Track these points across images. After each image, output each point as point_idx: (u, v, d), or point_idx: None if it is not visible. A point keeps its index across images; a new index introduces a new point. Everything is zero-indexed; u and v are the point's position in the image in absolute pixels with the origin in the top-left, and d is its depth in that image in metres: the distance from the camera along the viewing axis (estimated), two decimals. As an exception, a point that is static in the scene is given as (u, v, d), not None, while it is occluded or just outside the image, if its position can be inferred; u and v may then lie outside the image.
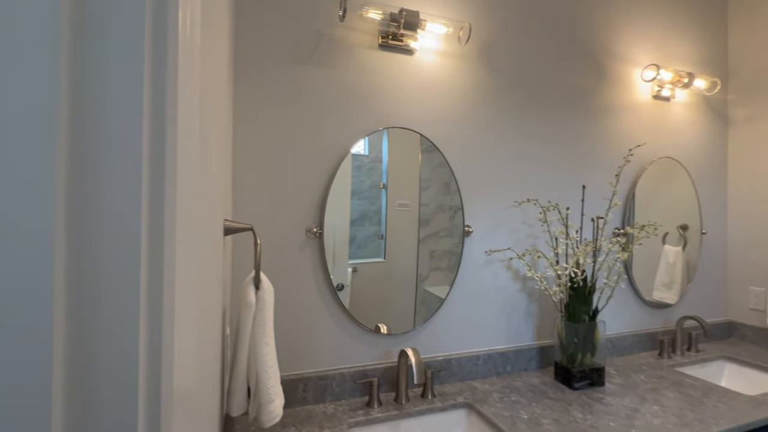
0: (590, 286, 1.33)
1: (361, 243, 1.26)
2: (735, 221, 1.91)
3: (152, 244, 0.29)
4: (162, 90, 0.29)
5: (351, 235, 1.24)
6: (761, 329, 1.78)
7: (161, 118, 0.29)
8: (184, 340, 0.36)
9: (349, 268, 1.24)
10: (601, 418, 1.11)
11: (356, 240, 1.25)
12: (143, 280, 0.28)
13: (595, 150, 1.61)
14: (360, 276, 1.25)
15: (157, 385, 0.29)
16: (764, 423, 1.14)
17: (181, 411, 0.35)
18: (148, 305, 0.29)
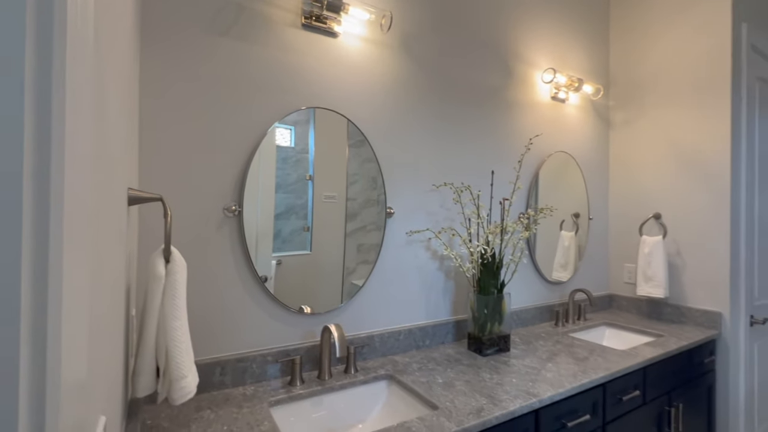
0: (498, 262, 1.47)
1: (287, 237, 1.24)
2: (615, 208, 2.24)
3: (35, 210, 0.26)
4: (48, 45, 0.26)
5: (276, 230, 1.22)
6: (633, 299, 2.12)
7: (46, 76, 0.26)
8: (73, 321, 0.32)
9: (273, 260, 1.22)
10: (505, 377, 1.23)
11: (281, 234, 1.23)
12: (24, 250, 0.24)
13: (503, 141, 1.77)
14: (284, 268, 1.23)
15: (41, 374, 0.26)
16: (630, 370, 1.36)
17: (71, 400, 0.32)
18: (30, 278, 0.25)
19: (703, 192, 1.87)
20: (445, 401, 1.07)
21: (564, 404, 1.18)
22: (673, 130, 1.99)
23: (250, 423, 0.95)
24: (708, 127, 1.86)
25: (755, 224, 1.97)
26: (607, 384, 1.30)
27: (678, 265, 1.96)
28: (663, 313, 1.99)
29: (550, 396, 1.12)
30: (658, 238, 1.95)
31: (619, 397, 1.34)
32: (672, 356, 1.55)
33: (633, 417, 1.39)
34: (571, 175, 2.10)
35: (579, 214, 2.16)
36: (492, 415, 1.00)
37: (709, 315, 1.82)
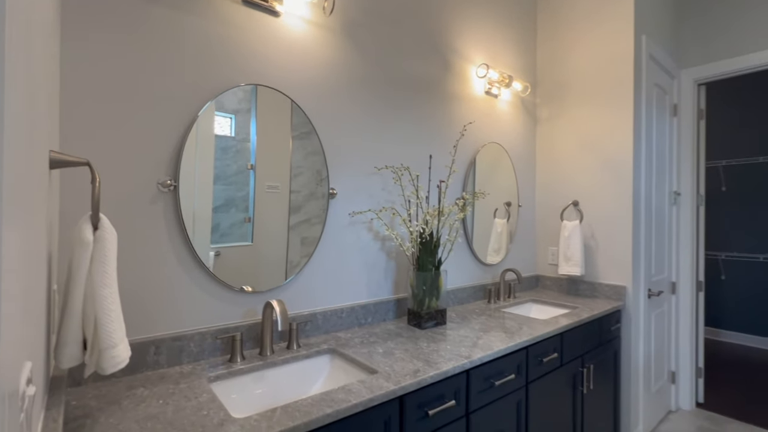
0: (436, 241, 1.56)
1: (226, 231, 1.21)
2: (540, 196, 2.46)
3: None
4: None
5: (214, 223, 1.19)
6: (555, 278, 2.35)
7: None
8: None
9: (211, 251, 1.19)
10: (441, 345, 1.32)
11: (220, 228, 1.20)
12: None
13: (441, 128, 1.88)
14: (223, 259, 1.21)
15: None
16: (549, 335, 1.52)
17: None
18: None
19: (611, 182, 2.13)
20: (384, 367, 1.13)
21: (492, 365, 1.29)
22: (588, 127, 2.23)
23: (188, 396, 0.93)
24: (615, 124, 2.12)
25: (652, 210, 2.28)
26: (530, 347, 1.45)
27: (592, 247, 2.20)
28: (579, 289, 2.23)
29: (480, 357, 1.23)
30: (576, 222, 2.19)
31: (540, 359, 1.49)
32: (584, 324, 1.76)
33: (552, 376, 1.56)
34: (503, 166, 2.28)
35: (510, 203, 2.35)
36: (427, 374, 1.08)
37: (616, 289, 2.08)
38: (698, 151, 2.64)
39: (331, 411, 0.87)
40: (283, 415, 0.85)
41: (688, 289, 2.57)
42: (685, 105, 2.60)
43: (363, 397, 0.94)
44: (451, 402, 1.13)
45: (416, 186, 1.60)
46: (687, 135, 2.59)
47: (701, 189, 2.66)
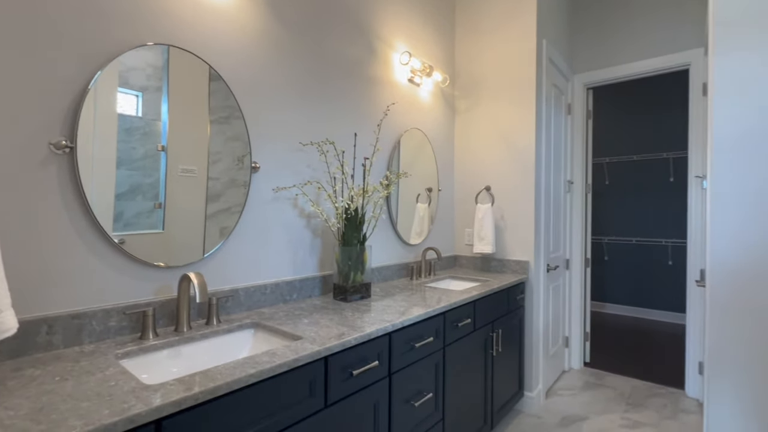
0: (361, 217, 1.61)
1: (131, 220, 1.11)
2: (459, 181, 2.65)
3: None
4: None
5: (117, 211, 1.08)
6: (471, 257, 2.56)
7: None
8: None
9: (114, 239, 1.09)
10: (366, 314, 1.38)
11: (124, 216, 1.10)
12: None
13: (366, 109, 1.93)
14: (128, 248, 1.11)
15: None
16: (464, 302, 1.66)
17: None
18: None
19: (517, 168, 2.38)
20: (309, 333, 1.14)
21: (413, 329, 1.38)
22: (499, 120, 2.46)
23: (91, 371, 0.86)
24: (521, 119, 2.36)
25: (551, 196, 2.59)
26: (447, 313, 1.57)
27: (502, 227, 2.44)
28: (491, 266, 2.45)
29: (401, 321, 1.30)
30: (489, 205, 2.40)
31: (456, 324, 1.63)
32: (494, 294, 1.95)
33: (466, 340, 1.71)
34: (425, 153, 2.41)
35: (431, 188, 2.49)
36: (351, 336, 1.12)
37: (521, 264, 2.34)
38: (587, 147, 3.06)
39: (255, 371, 0.87)
40: (204, 378, 0.83)
41: (579, 265, 2.97)
42: (577, 105, 2.99)
43: (288, 357, 0.95)
44: (375, 362, 1.19)
45: (341, 161, 1.63)
46: (578, 132, 2.99)
47: (589, 180, 3.09)
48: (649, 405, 2.41)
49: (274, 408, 0.92)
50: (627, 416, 2.27)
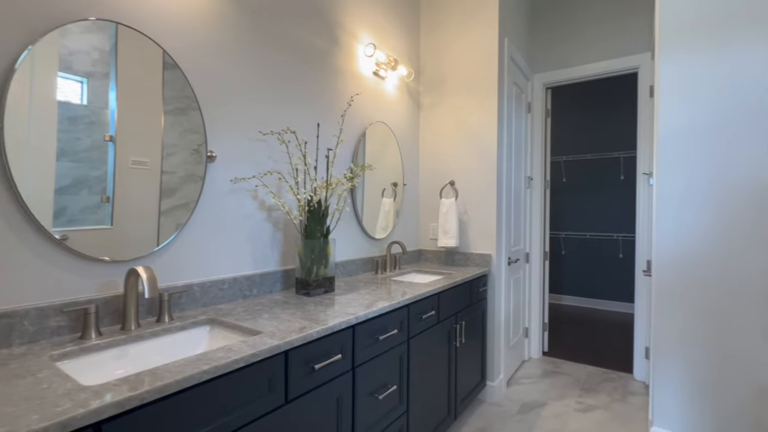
0: (324, 209, 1.58)
1: (76, 216, 1.03)
2: (424, 176, 2.66)
3: None
4: None
5: (58, 207, 0.99)
6: (436, 251, 2.58)
7: None
8: None
9: (55, 235, 1.00)
10: (329, 308, 1.35)
11: (67, 212, 1.01)
12: None
13: (330, 99, 1.89)
14: (72, 244, 1.02)
15: None
16: (428, 295, 1.67)
17: None
18: None
19: (480, 164, 2.42)
20: (269, 328, 1.10)
21: (377, 321, 1.37)
22: (463, 115, 2.49)
23: (20, 374, 0.78)
24: (484, 115, 2.41)
25: (512, 191, 2.67)
26: (411, 305, 1.57)
27: (465, 221, 2.48)
28: (455, 259, 2.49)
29: (365, 314, 1.29)
30: (452, 200, 2.43)
31: (420, 316, 1.63)
32: (457, 286, 1.97)
33: (431, 332, 1.72)
34: (391, 147, 2.40)
35: (397, 183, 2.49)
36: (313, 330, 1.09)
37: (484, 257, 2.39)
38: (546, 145, 3.17)
39: (208, 368, 0.82)
40: (152, 377, 0.77)
41: (538, 258, 3.09)
42: (537, 104, 3.09)
43: (245, 353, 0.91)
44: (338, 356, 1.16)
45: (304, 152, 1.59)
46: (538, 130, 3.09)
47: (548, 177, 3.21)
48: (601, 389, 2.55)
49: (230, 406, 0.88)
50: (581, 400, 2.39)
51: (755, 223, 1.69)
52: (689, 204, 1.83)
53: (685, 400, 1.83)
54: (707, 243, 1.78)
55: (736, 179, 1.73)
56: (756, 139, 1.69)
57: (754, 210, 1.69)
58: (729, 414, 1.74)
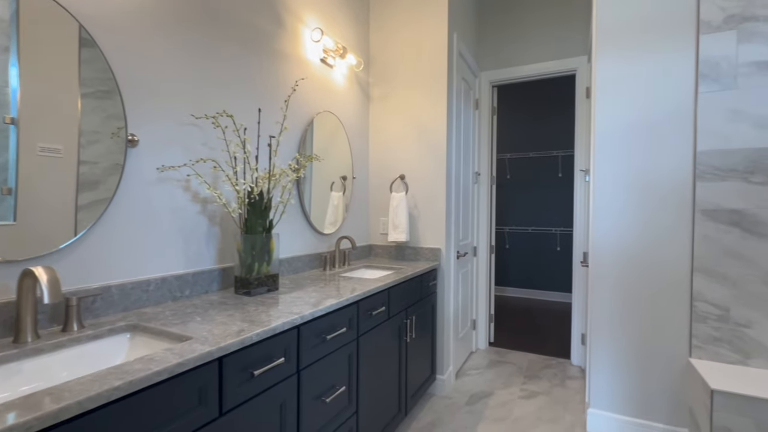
0: (266, 201, 1.46)
1: None
2: (374, 169, 2.61)
3: None
4: None
5: None
6: (386, 246, 2.54)
7: None
8: None
9: None
10: (272, 307, 1.25)
11: None
12: None
13: (273, 84, 1.77)
14: None
15: None
16: (378, 290, 1.62)
17: None
18: None
19: (430, 158, 2.42)
20: (201, 332, 0.99)
21: (325, 320, 1.29)
22: (413, 108, 2.47)
23: None
24: (433, 109, 2.40)
25: (460, 186, 2.70)
26: (361, 302, 1.51)
27: (415, 216, 2.47)
28: (406, 254, 2.47)
29: (311, 312, 1.20)
30: (403, 194, 2.40)
31: (370, 313, 1.58)
32: (408, 281, 1.95)
33: (381, 328, 1.67)
34: (340, 139, 2.32)
35: (346, 176, 2.42)
36: (252, 333, 0.99)
37: (434, 251, 2.39)
38: (492, 141, 3.26)
39: (122, 383, 0.70)
40: (46, 398, 0.64)
41: (485, 252, 3.17)
42: (484, 101, 3.16)
43: (169, 363, 0.79)
44: (280, 360, 1.07)
45: (243, 139, 1.46)
46: (485, 127, 3.16)
47: (494, 173, 3.30)
48: (542, 375, 2.67)
49: (150, 425, 0.76)
50: (525, 387, 2.48)
51: (675, 216, 1.84)
52: (621, 198, 1.95)
53: (617, 382, 1.96)
54: (636, 234, 1.91)
55: (660, 175, 1.87)
56: (677, 138, 1.84)
57: (674, 204, 1.84)
58: (653, 390, 1.88)
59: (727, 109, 1.75)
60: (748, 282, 1.71)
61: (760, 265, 1.70)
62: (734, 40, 1.74)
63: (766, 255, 1.69)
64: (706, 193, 1.78)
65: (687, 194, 1.82)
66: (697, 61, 1.80)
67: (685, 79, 1.83)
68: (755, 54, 1.71)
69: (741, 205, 1.73)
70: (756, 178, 1.70)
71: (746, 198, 1.72)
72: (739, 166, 1.73)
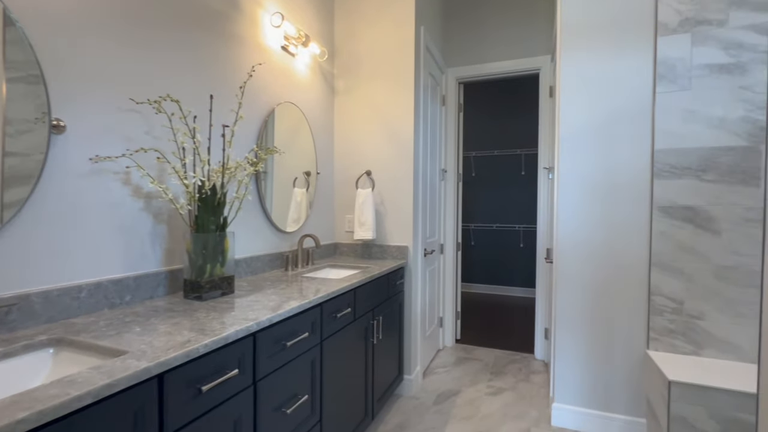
0: (220, 197, 1.34)
1: None
2: (339, 165, 2.51)
3: None
4: None
5: None
6: (352, 244, 2.46)
7: None
8: None
9: None
10: (226, 313, 1.13)
11: None
12: None
13: (231, 71, 1.63)
14: None
15: None
16: (343, 291, 1.54)
17: None
18: None
19: (397, 154, 2.36)
20: (139, 345, 0.86)
21: (285, 325, 1.19)
22: (379, 102, 2.39)
23: None
24: (400, 103, 2.34)
25: (428, 183, 2.66)
26: (324, 304, 1.42)
27: (382, 213, 2.40)
28: (372, 252, 2.40)
29: (268, 318, 1.10)
30: (369, 190, 2.33)
31: (335, 315, 1.49)
32: (374, 280, 1.88)
33: (346, 331, 1.59)
34: (303, 133, 2.20)
35: (310, 172, 2.31)
36: (200, 344, 0.88)
37: (401, 249, 2.33)
38: (458, 138, 3.25)
39: (28, 414, 0.58)
40: None
41: (452, 249, 3.16)
42: (451, 98, 3.14)
43: (94, 385, 0.67)
44: (234, 371, 0.97)
45: (192, 127, 1.32)
46: (451, 123, 3.15)
47: (460, 170, 3.30)
48: (508, 371, 2.69)
49: (69, 460, 0.64)
50: (491, 384, 2.49)
51: (635, 213, 1.88)
52: (584, 196, 1.98)
53: (580, 376, 1.99)
54: (598, 230, 1.95)
55: (621, 173, 1.91)
56: (638, 136, 1.88)
57: (635, 201, 1.88)
58: (615, 382, 1.92)
59: (683, 109, 1.81)
60: (701, 276, 1.79)
61: (711, 259, 1.77)
62: (689, 42, 1.80)
63: (716, 250, 1.76)
64: (663, 191, 1.84)
65: (646, 191, 1.87)
66: (655, 61, 1.85)
67: (645, 79, 1.87)
68: (708, 57, 1.77)
69: (694, 202, 1.79)
70: (708, 176, 1.78)
71: (699, 195, 1.79)
72: (693, 165, 1.80)
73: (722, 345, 1.76)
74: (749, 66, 1.72)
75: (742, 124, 1.73)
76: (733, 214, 1.74)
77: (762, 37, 1.70)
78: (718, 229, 1.76)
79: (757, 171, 1.71)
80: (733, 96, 1.74)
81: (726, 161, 1.75)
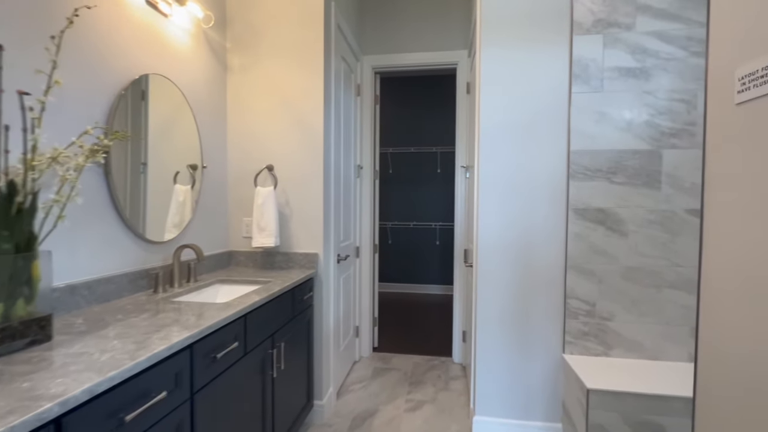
0: (24, 199, 0.89)
1: None
2: (233, 158, 2.10)
3: None
4: None
5: None
6: (250, 252, 2.07)
7: None
8: None
9: None
10: (14, 384, 0.72)
11: None
12: None
13: (44, 15, 1.14)
14: None
15: None
16: (226, 322, 1.19)
17: None
18: None
19: (305, 147, 2.03)
20: None
21: (122, 392, 0.81)
22: (283, 84, 2.04)
23: None
24: (308, 88, 2.01)
25: (341, 180, 2.37)
26: (195, 345, 1.05)
27: (287, 215, 2.05)
28: (275, 262, 2.04)
29: (89, 388, 0.72)
30: (271, 188, 1.97)
31: (213, 356, 1.13)
32: (275, 298, 1.54)
33: (232, 372, 1.24)
34: (184, 117, 1.76)
35: (196, 165, 1.87)
36: None
37: (309, 257, 2.02)
38: (375, 132, 3.02)
39: None
40: None
41: (368, 252, 2.93)
42: (366, 88, 2.89)
43: None
44: (5, 497, 0.58)
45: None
46: (367, 116, 2.90)
47: (377, 167, 3.07)
48: (426, 380, 2.55)
49: None
50: (410, 398, 2.31)
51: (552, 214, 1.84)
52: (504, 196, 1.88)
53: (501, 384, 1.90)
54: (518, 232, 1.87)
55: (539, 173, 1.85)
56: (555, 137, 1.83)
57: (552, 202, 1.84)
58: (534, 388, 1.87)
59: (595, 110, 1.79)
60: (610, 277, 1.80)
61: (619, 260, 1.79)
62: (601, 44, 1.79)
63: (624, 251, 1.79)
64: (578, 192, 1.81)
65: (563, 193, 1.83)
66: (571, 61, 1.81)
67: (562, 78, 1.82)
68: (617, 59, 1.78)
69: (606, 204, 1.79)
70: (617, 178, 1.79)
71: (609, 197, 1.79)
72: (603, 167, 1.80)
73: (628, 344, 1.80)
74: (652, 71, 1.75)
75: (646, 128, 1.76)
76: (638, 217, 1.77)
77: (662, 44, 1.75)
78: (625, 231, 1.78)
79: (658, 175, 1.76)
80: (638, 100, 1.76)
81: (632, 164, 1.77)
